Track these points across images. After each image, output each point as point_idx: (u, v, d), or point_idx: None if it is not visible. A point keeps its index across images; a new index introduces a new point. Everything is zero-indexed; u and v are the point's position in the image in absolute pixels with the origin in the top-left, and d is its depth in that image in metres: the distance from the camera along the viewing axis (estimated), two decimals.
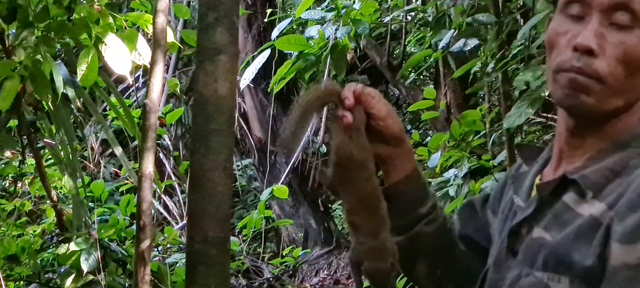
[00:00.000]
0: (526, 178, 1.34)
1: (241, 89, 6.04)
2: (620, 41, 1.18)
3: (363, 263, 1.37)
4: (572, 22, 1.22)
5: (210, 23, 2.38)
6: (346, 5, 4.56)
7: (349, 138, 1.35)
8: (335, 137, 1.37)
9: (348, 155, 1.35)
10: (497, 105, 4.99)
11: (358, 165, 1.35)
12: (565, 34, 1.22)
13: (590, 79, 1.18)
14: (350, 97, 1.36)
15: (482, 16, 4.12)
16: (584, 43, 1.18)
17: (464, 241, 1.52)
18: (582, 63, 1.18)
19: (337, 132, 1.37)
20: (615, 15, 1.18)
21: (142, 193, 2.87)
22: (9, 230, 5.33)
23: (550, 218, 1.21)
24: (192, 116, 3.06)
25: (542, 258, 1.19)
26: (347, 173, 1.36)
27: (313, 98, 1.39)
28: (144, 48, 3.31)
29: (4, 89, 3.16)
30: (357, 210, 1.37)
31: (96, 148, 7.32)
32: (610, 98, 1.19)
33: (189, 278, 2.38)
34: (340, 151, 1.36)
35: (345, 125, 1.35)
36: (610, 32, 1.18)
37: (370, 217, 1.37)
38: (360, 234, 1.37)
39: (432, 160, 4.95)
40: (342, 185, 1.38)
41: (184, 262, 3.79)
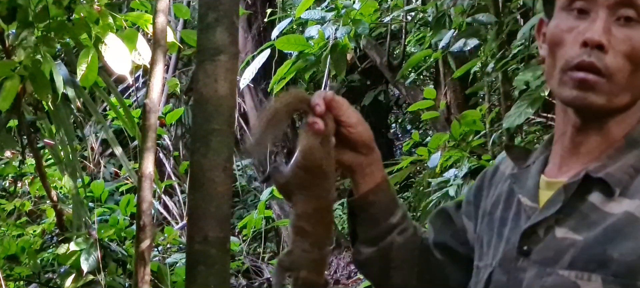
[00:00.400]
0: (527, 178, 1.32)
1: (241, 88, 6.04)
2: (627, 36, 1.18)
3: (299, 272, 1.34)
4: (576, 19, 1.22)
5: (210, 23, 2.38)
6: (346, 5, 4.56)
7: (320, 144, 1.33)
8: (305, 142, 1.34)
9: (317, 162, 1.33)
10: (497, 105, 4.99)
11: (324, 174, 1.33)
12: (570, 31, 1.22)
13: (600, 77, 1.18)
14: (321, 104, 1.34)
15: (482, 16, 4.12)
16: (595, 38, 1.18)
17: (440, 249, 1.49)
18: (594, 57, 1.18)
19: (307, 137, 1.34)
20: (620, 10, 1.18)
21: (142, 193, 2.87)
22: (9, 230, 5.33)
23: (578, 219, 1.20)
24: (192, 116, 3.07)
25: (569, 258, 1.17)
26: (311, 179, 1.33)
27: (281, 105, 1.36)
28: (144, 48, 3.31)
29: (4, 88, 3.16)
30: (310, 217, 1.33)
31: (96, 148, 7.32)
32: (617, 95, 1.20)
33: (189, 278, 2.38)
34: (309, 156, 1.33)
35: (316, 131, 1.33)
36: (616, 27, 1.19)
37: (322, 228, 1.35)
38: (306, 242, 1.33)
39: (432, 160, 4.95)
40: (301, 190, 1.34)
41: (184, 262, 3.79)
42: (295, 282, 1.34)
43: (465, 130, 4.60)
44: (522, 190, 1.31)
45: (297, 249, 1.34)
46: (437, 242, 1.50)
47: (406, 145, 6.54)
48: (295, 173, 1.34)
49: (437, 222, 1.53)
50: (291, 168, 1.35)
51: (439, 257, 1.48)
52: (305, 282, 1.33)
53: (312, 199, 1.33)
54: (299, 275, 1.34)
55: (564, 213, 1.21)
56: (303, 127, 1.35)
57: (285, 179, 1.36)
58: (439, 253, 1.49)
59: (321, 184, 1.33)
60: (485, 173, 1.47)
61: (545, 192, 1.27)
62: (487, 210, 1.39)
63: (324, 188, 1.34)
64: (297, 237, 1.34)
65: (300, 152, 1.34)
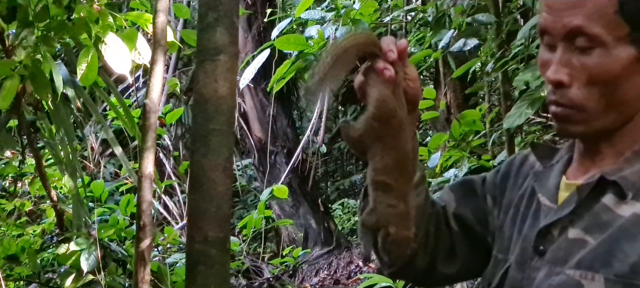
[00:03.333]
0: (549, 178, 1.32)
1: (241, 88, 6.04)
2: (583, 65, 1.19)
3: (387, 229, 1.26)
4: (548, 52, 1.24)
5: (210, 23, 2.38)
6: (346, 5, 4.56)
7: (392, 93, 1.25)
8: (376, 91, 1.26)
9: (391, 111, 1.25)
10: (497, 105, 4.99)
11: (399, 123, 1.26)
12: (544, 66, 1.24)
13: (569, 109, 1.21)
14: (394, 51, 1.28)
15: (482, 16, 4.12)
16: (551, 77, 1.21)
17: (458, 220, 1.47)
18: (557, 95, 1.21)
19: (378, 86, 1.26)
20: (574, 40, 1.19)
21: (142, 193, 2.87)
22: (9, 230, 5.33)
23: (590, 221, 1.20)
24: (192, 116, 3.07)
25: (577, 258, 1.18)
26: (387, 129, 1.25)
27: (351, 44, 1.27)
28: (143, 47, 3.31)
29: (4, 88, 3.16)
30: (391, 170, 1.25)
31: (96, 148, 7.32)
32: (597, 119, 1.21)
33: (189, 278, 2.38)
34: (382, 104, 1.25)
35: (387, 79, 1.25)
36: (575, 56, 1.19)
37: (405, 180, 1.27)
38: (391, 196, 1.26)
39: (432, 160, 4.95)
40: (377, 142, 1.26)
41: (184, 262, 3.79)
42: (384, 239, 1.27)
43: (465, 130, 4.60)
44: (542, 190, 1.31)
45: (381, 205, 1.26)
46: (457, 214, 1.48)
47: None
48: (370, 125, 1.26)
49: (460, 191, 1.50)
50: (364, 121, 1.27)
51: (455, 228, 1.47)
52: (396, 238, 1.26)
53: (391, 150, 1.26)
54: (389, 232, 1.26)
55: (577, 215, 1.22)
56: (371, 76, 1.27)
57: (358, 133, 1.28)
58: (456, 224, 1.47)
59: (398, 134, 1.26)
60: (514, 161, 1.45)
61: (565, 193, 1.28)
62: (513, 201, 1.38)
63: (401, 137, 1.26)
64: (379, 192, 1.26)
65: (372, 103, 1.26)
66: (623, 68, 1.18)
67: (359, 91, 1.30)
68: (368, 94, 1.27)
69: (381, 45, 1.28)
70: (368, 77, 1.28)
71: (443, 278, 1.50)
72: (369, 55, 1.28)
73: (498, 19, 4.09)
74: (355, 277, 7.44)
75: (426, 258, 1.45)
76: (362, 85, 1.29)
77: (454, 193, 1.50)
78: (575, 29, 1.18)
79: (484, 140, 4.76)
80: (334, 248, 8.11)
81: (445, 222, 1.47)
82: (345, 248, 8.15)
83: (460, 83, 6.03)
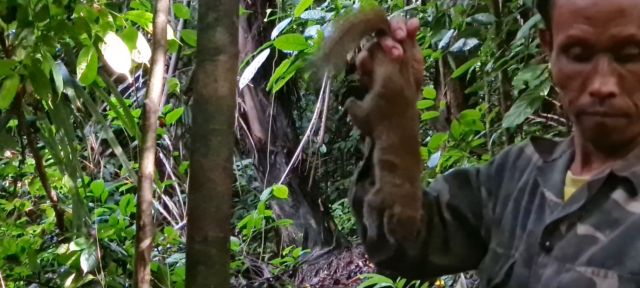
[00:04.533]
0: (553, 172, 1.31)
1: (241, 88, 6.04)
2: (634, 73, 1.18)
3: (392, 209, 1.24)
4: (578, 63, 1.21)
5: (210, 23, 2.38)
6: (346, 5, 4.56)
7: (399, 72, 1.24)
8: (383, 69, 1.24)
9: (398, 89, 1.23)
10: (497, 105, 4.99)
11: (406, 102, 1.24)
12: (575, 77, 1.21)
13: (618, 118, 1.19)
14: (403, 29, 1.25)
15: (482, 16, 4.12)
16: (603, 90, 1.18)
17: (451, 211, 1.44)
18: (606, 107, 1.19)
19: (385, 64, 1.24)
20: (622, 50, 1.17)
21: (142, 193, 2.87)
22: (9, 230, 5.34)
23: (600, 217, 1.20)
24: (192, 116, 3.07)
25: (588, 254, 1.17)
26: (393, 108, 1.24)
27: (360, 20, 1.25)
28: (143, 47, 3.31)
29: (4, 88, 3.16)
30: (397, 149, 1.24)
31: (96, 148, 7.32)
32: (637, 123, 1.21)
33: (189, 278, 2.38)
34: (389, 83, 1.23)
35: (395, 58, 1.23)
36: (620, 65, 1.18)
37: (411, 158, 1.25)
38: (396, 176, 1.24)
39: (432, 160, 4.95)
40: (384, 121, 1.24)
41: (184, 262, 3.79)
42: (389, 220, 1.25)
43: (465, 130, 4.60)
44: (547, 185, 1.30)
45: (387, 185, 1.25)
46: (451, 204, 1.45)
47: None
48: (376, 103, 1.24)
49: (454, 182, 1.47)
50: (371, 99, 1.25)
51: (448, 219, 1.44)
52: (401, 218, 1.24)
53: (397, 129, 1.24)
54: (394, 212, 1.24)
55: (587, 210, 1.21)
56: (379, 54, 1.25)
57: (365, 111, 1.26)
58: (449, 215, 1.44)
59: (404, 113, 1.24)
60: (509, 153, 1.44)
61: (570, 189, 1.27)
62: (512, 194, 1.37)
63: (408, 117, 1.25)
64: (385, 172, 1.25)
65: (379, 81, 1.24)
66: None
67: (361, 67, 1.28)
68: (375, 72, 1.25)
69: (390, 23, 1.26)
70: (375, 54, 1.26)
71: (436, 269, 1.47)
72: (377, 32, 1.26)
73: (498, 19, 4.09)
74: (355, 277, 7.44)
75: (418, 249, 1.41)
76: (366, 62, 1.27)
77: (448, 184, 1.47)
78: (628, 38, 1.17)
79: (484, 140, 4.76)
80: (334, 248, 8.11)
81: (438, 212, 1.44)
82: (345, 248, 8.15)
83: (460, 83, 6.03)
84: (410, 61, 1.26)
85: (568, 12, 1.20)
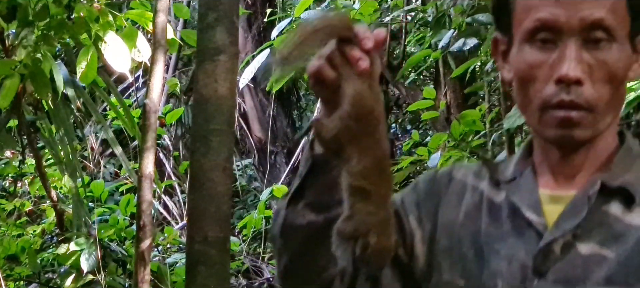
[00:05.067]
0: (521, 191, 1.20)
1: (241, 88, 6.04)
2: (602, 61, 1.12)
3: (367, 238, 1.13)
4: (543, 51, 1.14)
5: (210, 23, 2.38)
6: (346, 5, 4.56)
7: (368, 87, 1.12)
8: (352, 86, 1.12)
9: (369, 108, 1.12)
10: (497, 105, 4.99)
11: (377, 121, 1.13)
12: (540, 66, 1.14)
13: (583, 111, 1.12)
14: (371, 39, 1.11)
15: (482, 16, 4.12)
16: (570, 74, 1.11)
17: None
18: (573, 95, 1.12)
19: (352, 78, 1.12)
20: (590, 34, 1.12)
21: (142, 193, 2.87)
22: (9, 230, 5.34)
23: (602, 233, 1.13)
24: (192, 116, 3.07)
25: (603, 273, 1.11)
26: (364, 128, 1.12)
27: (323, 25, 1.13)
28: (143, 46, 3.31)
29: (4, 88, 3.16)
30: (370, 173, 1.13)
31: (96, 148, 7.31)
32: (601, 121, 1.15)
33: (189, 278, 2.38)
34: (360, 101, 1.11)
35: (362, 71, 1.10)
36: (587, 52, 1.12)
37: (384, 183, 1.14)
38: (370, 202, 1.13)
39: (432, 160, 4.95)
40: (354, 142, 1.12)
41: (184, 262, 3.80)
42: (363, 250, 1.13)
43: (465, 130, 4.60)
44: (523, 204, 1.19)
45: (360, 213, 1.13)
46: None
47: (406, 145, 6.54)
48: (345, 124, 1.12)
49: None
50: (339, 119, 1.13)
51: None
52: (377, 248, 1.13)
53: (369, 151, 1.13)
54: (369, 241, 1.13)
55: (583, 228, 1.14)
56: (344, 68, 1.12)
57: (332, 132, 1.14)
58: None
59: (375, 133, 1.13)
60: (435, 178, 1.30)
61: (551, 206, 1.18)
62: (456, 221, 1.24)
63: (379, 136, 1.13)
64: (357, 198, 1.13)
65: (347, 99, 1.12)
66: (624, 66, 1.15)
67: (316, 76, 1.13)
68: (342, 88, 1.12)
69: (356, 31, 1.12)
70: (338, 65, 1.12)
71: None
72: (341, 41, 1.13)
73: None
74: None
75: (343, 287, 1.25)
76: (324, 72, 1.12)
77: None
78: (596, 22, 1.11)
79: (484, 140, 4.76)
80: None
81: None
82: None
83: (460, 83, 6.02)
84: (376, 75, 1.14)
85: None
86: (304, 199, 1.21)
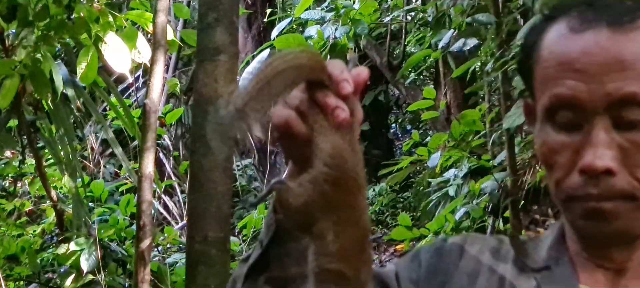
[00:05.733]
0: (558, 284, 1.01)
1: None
2: (635, 143, 0.91)
3: None
4: (565, 133, 0.94)
5: (210, 23, 2.38)
6: (346, 5, 4.57)
7: (348, 142, 0.88)
8: (325, 138, 0.87)
9: (349, 169, 0.88)
10: (497, 105, 5.00)
11: (358, 186, 0.89)
12: (562, 151, 0.94)
13: (618, 201, 0.92)
14: (350, 81, 0.87)
15: (482, 16, 4.12)
16: (597, 164, 0.90)
17: None
18: (601, 188, 0.91)
19: (327, 131, 0.87)
20: (621, 112, 0.90)
21: (142, 193, 2.87)
22: (9, 230, 5.34)
23: None
24: (192, 116, 3.07)
25: None
26: (342, 195, 0.88)
27: (288, 66, 0.87)
28: (143, 46, 3.32)
29: (4, 88, 3.16)
30: (349, 254, 0.88)
31: (96, 148, 7.32)
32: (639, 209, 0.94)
33: (189, 278, 2.38)
34: (337, 160, 0.87)
35: (340, 123, 0.86)
36: (619, 133, 0.91)
37: (364, 266, 0.90)
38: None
39: (432, 160, 4.96)
40: (329, 214, 0.87)
41: (184, 262, 3.80)
42: None
43: (465, 130, 4.60)
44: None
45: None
46: None
47: (406, 145, 6.55)
48: (319, 190, 0.87)
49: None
50: (310, 183, 0.88)
51: None
52: None
53: (348, 226, 0.88)
54: None
55: None
56: (317, 119, 0.88)
57: (301, 199, 0.88)
58: None
59: (355, 201, 0.88)
60: (442, 250, 1.08)
61: None
62: None
63: (359, 206, 0.89)
64: (331, 285, 0.88)
65: (322, 158, 0.87)
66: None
67: (283, 129, 0.88)
68: (314, 143, 0.88)
69: (331, 72, 0.88)
70: (308, 115, 0.88)
71: None
72: (312, 85, 0.89)
73: (498, 19, 4.09)
74: None
75: None
76: (292, 124, 0.88)
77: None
78: (628, 98, 0.90)
79: (484, 140, 4.77)
80: None
81: None
82: None
83: (460, 83, 6.03)
84: (358, 126, 0.91)
85: (554, 66, 0.94)
86: (266, 272, 0.98)
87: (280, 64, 0.87)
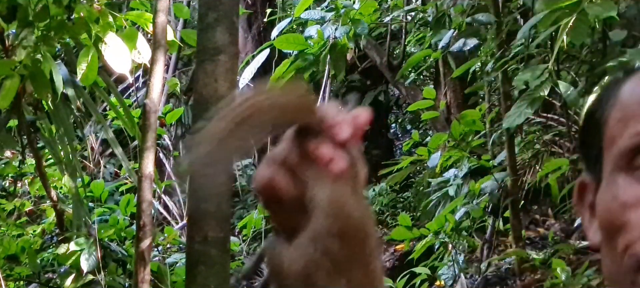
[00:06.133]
0: None
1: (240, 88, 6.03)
2: None
3: None
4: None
5: (210, 23, 2.38)
6: (346, 5, 4.57)
7: (352, 193, 0.71)
8: (325, 190, 0.70)
9: (356, 220, 0.71)
10: (497, 105, 5.00)
11: (368, 244, 0.72)
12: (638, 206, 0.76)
13: None
14: (348, 125, 0.70)
15: (482, 16, 4.13)
16: None
17: None
18: None
19: (327, 185, 0.70)
20: None
21: (142, 193, 2.87)
22: (9, 230, 5.34)
23: None
24: (192, 116, 3.07)
25: None
26: (352, 253, 0.71)
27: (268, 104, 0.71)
28: (143, 46, 3.32)
29: (4, 88, 3.16)
30: None
31: (96, 148, 7.32)
32: None
33: (189, 278, 2.38)
34: (340, 211, 0.70)
35: (337, 175, 0.70)
36: None
37: None
38: None
39: (432, 160, 4.96)
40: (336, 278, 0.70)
41: (184, 262, 3.80)
42: None
43: (465, 130, 4.60)
44: None
45: None
46: None
47: (406, 145, 6.55)
48: (324, 247, 0.70)
49: None
50: (311, 243, 0.70)
51: None
52: None
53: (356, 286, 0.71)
54: None
55: None
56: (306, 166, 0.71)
57: (299, 264, 0.70)
58: None
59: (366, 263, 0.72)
60: None
61: None
62: None
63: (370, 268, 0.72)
64: None
65: (321, 210, 0.70)
66: None
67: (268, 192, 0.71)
68: (311, 197, 0.70)
69: (323, 115, 0.70)
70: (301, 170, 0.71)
71: None
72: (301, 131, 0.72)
73: (498, 19, 4.09)
74: None
75: None
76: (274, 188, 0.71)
77: None
78: None
79: (484, 140, 4.77)
80: None
81: None
82: None
83: (460, 83, 6.03)
84: (362, 174, 0.73)
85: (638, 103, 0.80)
86: None
87: (259, 100, 0.70)
